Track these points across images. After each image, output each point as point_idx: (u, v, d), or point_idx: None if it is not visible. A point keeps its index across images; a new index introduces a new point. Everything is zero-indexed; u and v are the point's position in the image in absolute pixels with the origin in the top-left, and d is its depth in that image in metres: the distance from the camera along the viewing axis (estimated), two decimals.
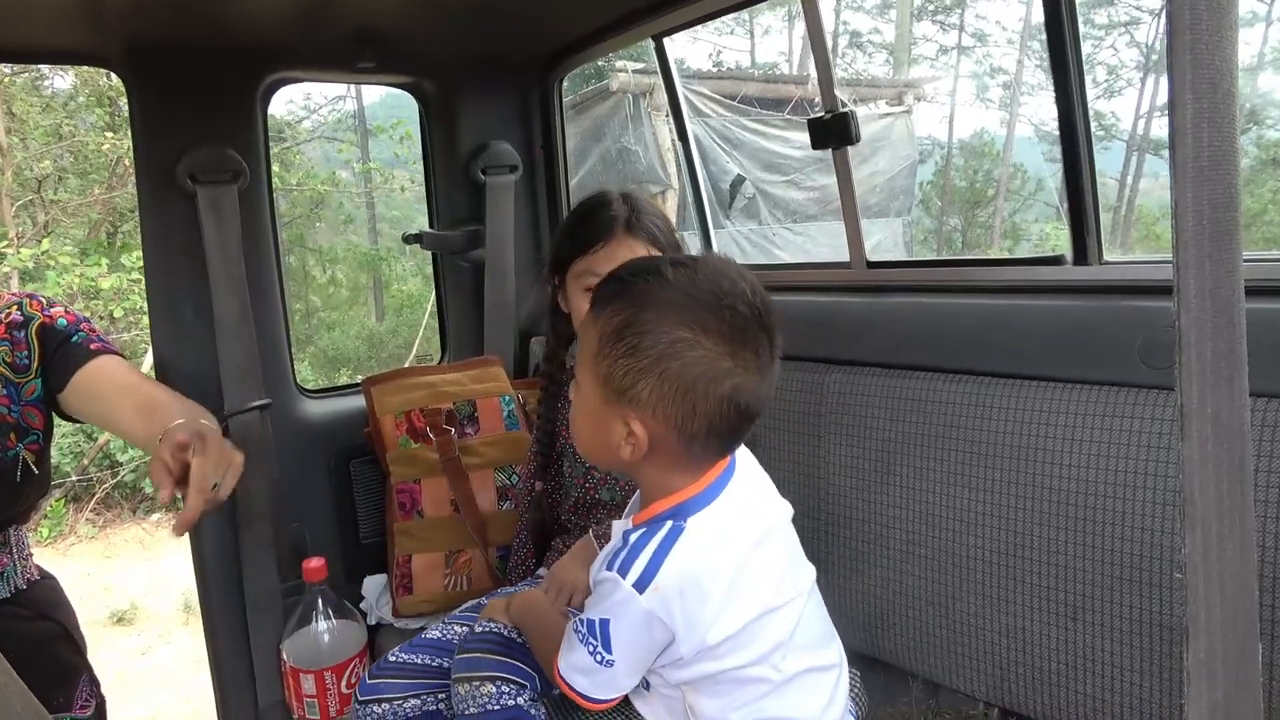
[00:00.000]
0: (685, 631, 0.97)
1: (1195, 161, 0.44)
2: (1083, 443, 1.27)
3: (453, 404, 1.98)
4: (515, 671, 1.26)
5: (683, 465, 1.01)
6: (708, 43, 17.46)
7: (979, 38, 17.79)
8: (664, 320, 0.94)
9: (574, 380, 1.06)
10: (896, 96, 8.75)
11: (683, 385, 0.94)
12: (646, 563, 0.96)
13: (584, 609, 1.04)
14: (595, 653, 0.99)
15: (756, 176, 7.28)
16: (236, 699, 1.96)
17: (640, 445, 0.97)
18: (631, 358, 0.94)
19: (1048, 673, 1.32)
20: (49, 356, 1.42)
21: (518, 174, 2.21)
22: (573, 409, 1.08)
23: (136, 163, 1.82)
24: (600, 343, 0.97)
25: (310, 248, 11.64)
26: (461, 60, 2.13)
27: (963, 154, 16.38)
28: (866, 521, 1.55)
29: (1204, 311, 0.45)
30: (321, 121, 12.30)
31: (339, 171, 11.46)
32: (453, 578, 1.91)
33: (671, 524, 0.98)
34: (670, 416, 0.95)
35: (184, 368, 1.86)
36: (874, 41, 18.09)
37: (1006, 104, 17.06)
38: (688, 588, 0.96)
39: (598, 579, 1.00)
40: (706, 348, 0.94)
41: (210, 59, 1.81)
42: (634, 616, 0.96)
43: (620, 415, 0.97)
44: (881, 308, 1.63)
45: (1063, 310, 1.36)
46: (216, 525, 1.90)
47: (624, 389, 0.95)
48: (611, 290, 1.00)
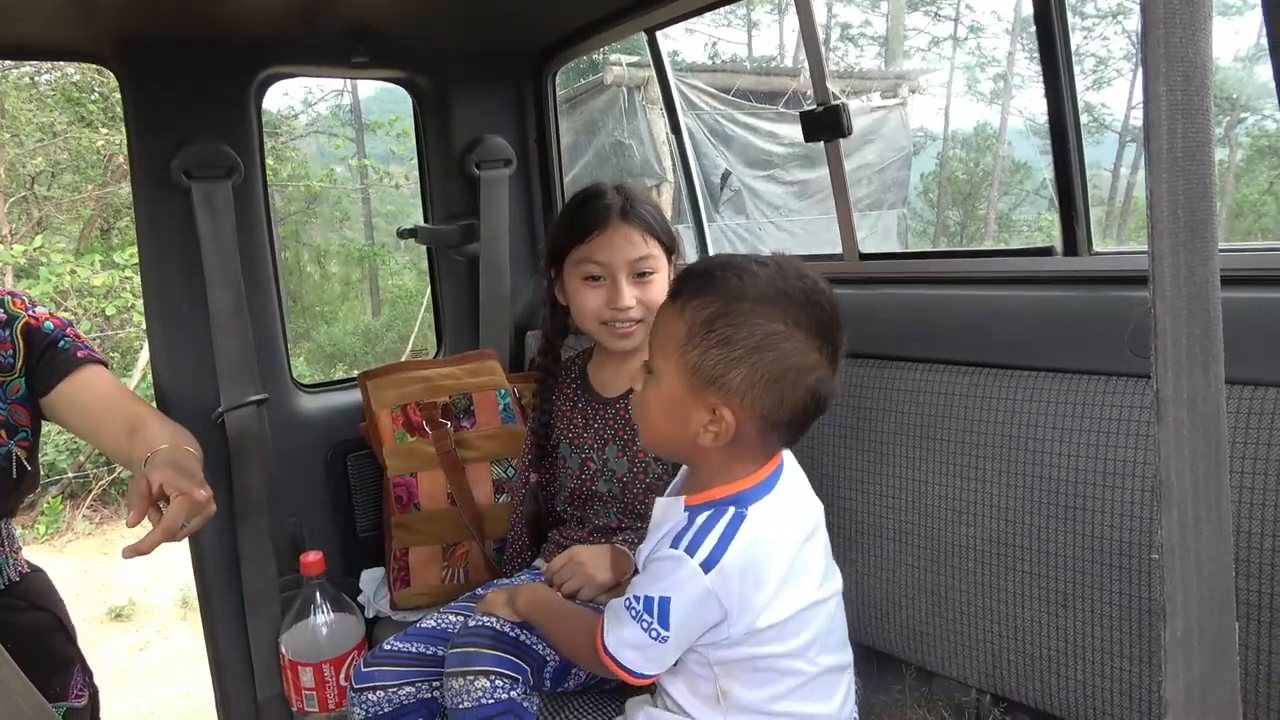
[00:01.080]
0: (738, 613, 1.02)
1: (1170, 153, 0.45)
2: (1073, 432, 1.28)
3: (449, 397, 1.99)
4: (509, 666, 1.28)
5: (752, 453, 1.07)
6: (704, 35, 17.45)
7: (973, 29, 17.78)
8: (758, 313, 0.99)
9: (644, 372, 1.09)
10: (891, 89, 8.76)
11: (773, 375, 0.99)
12: (715, 544, 1.01)
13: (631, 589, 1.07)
14: (650, 628, 1.03)
15: (741, 171, 7.30)
16: (236, 692, 1.98)
17: (725, 431, 1.01)
18: (725, 347, 0.99)
19: (1039, 659, 1.34)
20: (34, 359, 1.41)
21: (512, 168, 2.22)
22: (643, 397, 1.09)
23: (130, 159, 1.83)
24: (689, 333, 1.01)
25: (305, 243, 11.63)
26: (455, 54, 2.13)
27: (959, 146, 16.40)
28: (859, 511, 1.56)
29: (1179, 299, 0.46)
30: (317, 116, 12.26)
31: (335, 167, 11.44)
32: (450, 570, 1.92)
33: (734, 509, 1.03)
34: (758, 405, 1.00)
35: (180, 363, 1.87)
36: (866, 34, 18.08)
37: (999, 96, 17.07)
38: (748, 571, 1.01)
39: (657, 556, 1.04)
40: (798, 341, 0.99)
41: (204, 54, 1.81)
42: (695, 594, 1.00)
43: (706, 403, 1.01)
44: (874, 299, 1.64)
45: (1053, 301, 1.37)
46: (214, 520, 1.88)
47: (715, 377, 1.00)
48: (699, 283, 1.03)
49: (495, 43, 2.13)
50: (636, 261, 1.52)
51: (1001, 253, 1.55)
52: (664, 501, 1.12)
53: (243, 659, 1.96)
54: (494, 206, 2.19)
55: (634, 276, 1.53)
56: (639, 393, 1.10)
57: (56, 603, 1.54)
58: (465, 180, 2.20)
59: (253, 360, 1.89)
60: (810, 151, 7.04)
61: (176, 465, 1.27)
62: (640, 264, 1.52)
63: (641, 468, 1.56)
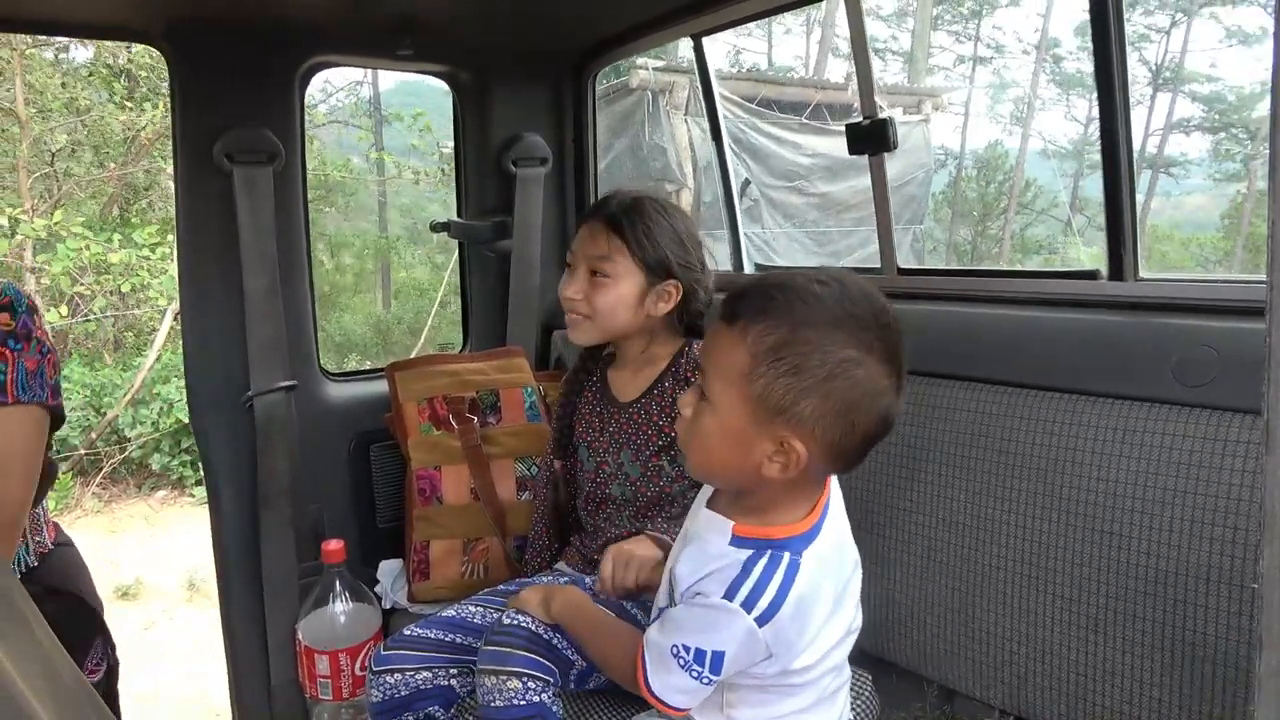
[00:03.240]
0: (780, 654, 1.00)
1: None
2: (1112, 457, 1.28)
3: (476, 393, 1.99)
4: (540, 668, 1.28)
5: (813, 483, 1.03)
6: (726, 43, 17.46)
7: (996, 49, 17.79)
8: (829, 339, 0.93)
9: (693, 399, 1.03)
10: (914, 105, 8.76)
11: (847, 404, 0.94)
12: (772, 597, 0.97)
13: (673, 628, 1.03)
14: (700, 676, 1.00)
15: (761, 181, 7.29)
16: (249, 676, 1.98)
17: (796, 463, 0.96)
18: (795, 376, 0.93)
19: (1066, 683, 1.33)
20: None
21: (548, 167, 2.22)
22: (698, 424, 1.02)
23: (175, 139, 1.84)
24: (754, 360, 0.95)
25: (320, 232, 11.66)
26: (499, 51, 2.14)
27: (976, 165, 16.40)
28: (888, 526, 1.56)
29: None
30: (338, 106, 12.30)
31: (352, 158, 11.47)
32: (470, 565, 1.92)
33: (790, 556, 0.99)
34: (829, 434, 0.95)
35: (211, 345, 1.87)
36: (891, 49, 18.08)
37: (1019, 117, 17.06)
38: (796, 619, 0.98)
39: (707, 602, 0.99)
40: (870, 367, 0.94)
41: (252, 39, 1.82)
42: (749, 645, 0.98)
43: (773, 434, 0.96)
44: (912, 314, 1.62)
45: (1097, 325, 1.37)
46: (237, 503, 1.92)
47: (784, 408, 0.94)
48: (759, 304, 0.97)
49: (539, 42, 2.14)
50: (594, 258, 1.54)
51: (1045, 274, 1.56)
52: (706, 515, 1.07)
53: (258, 643, 1.96)
54: (528, 204, 2.19)
55: (590, 273, 1.55)
56: (689, 419, 1.03)
57: (81, 579, 1.54)
58: (501, 177, 2.20)
59: (284, 346, 1.90)
60: (834, 164, 7.04)
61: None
62: (596, 261, 1.54)
63: (654, 472, 1.56)
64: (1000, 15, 17.97)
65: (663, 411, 1.55)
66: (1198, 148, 17.15)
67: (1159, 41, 16.14)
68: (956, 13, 17.77)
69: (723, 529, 1.03)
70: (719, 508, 1.08)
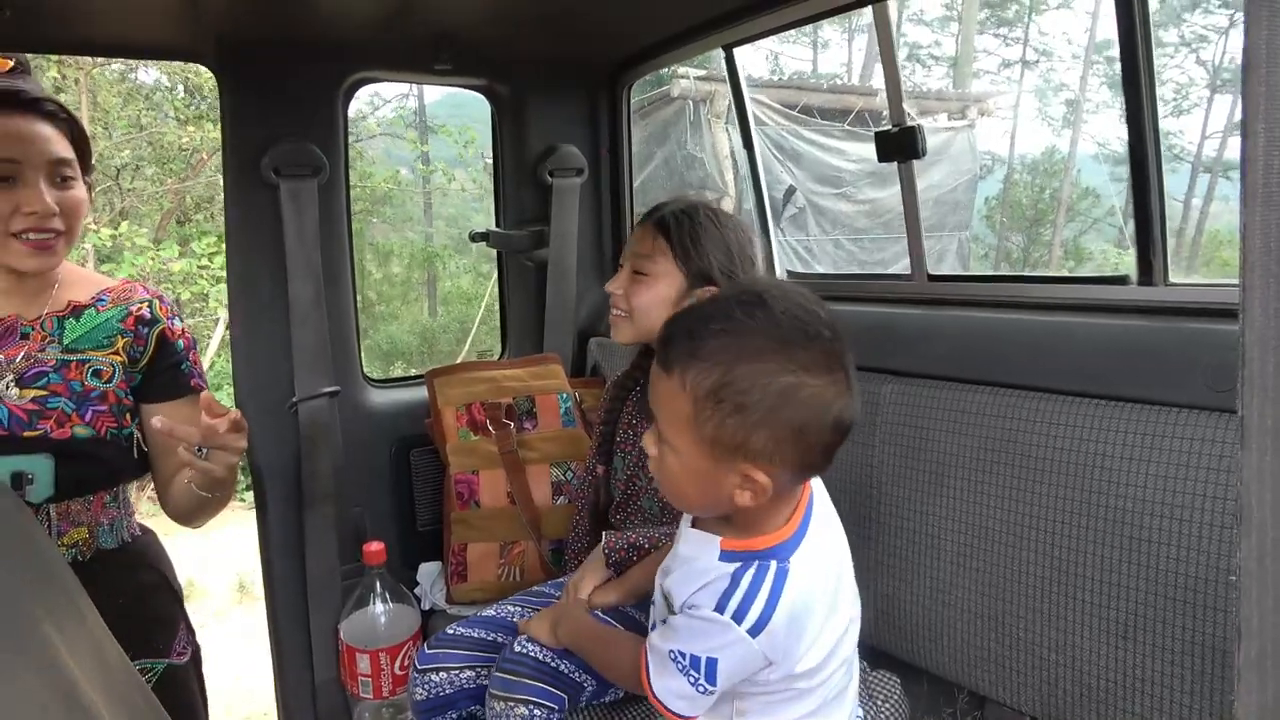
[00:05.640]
0: (781, 661, 1.00)
1: (1265, 187, 0.46)
2: (1141, 462, 1.27)
3: (513, 399, 2.03)
4: (547, 696, 1.34)
5: (789, 495, 1.03)
6: (769, 50, 17.44)
7: (1044, 52, 17.51)
8: (764, 371, 0.92)
9: (655, 440, 1.03)
10: (959, 110, 8.67)
11: (797, 427, 0.93)
12: (762, 609, 0.97)
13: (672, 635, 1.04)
14: (697, 684, 1.01)
15: (808, 188, 7.27)
16: (294, 674, 2.04)
17: (763, 491, 0.96)
18: (740, 415, 0.92)
19: (1096, 690, 1.32)
20: (155, 367, 1.49)
21: (583, 177, 2.26)
22: (664, 466, 1.02)
23: (224, 154, 1.91)
24: (696, 407, 0.94)
25: (369, 242, 11.88)
26: (534, 65, 2.19)
27: (1026, 171, 16.13)
28: (918, 532, 1.56)
29: (1268, 330, 0.47)
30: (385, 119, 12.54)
31: (400, 169, 11.67)
32: (506, 568, 1.96)
33: (777, 565, 0.99)
34: (788, 457, 0.95)
35: (258, 352, 1.94)
36: (934, 55, 17.91)
37: (1070, 121, 16.76)
38: (792, 625, 0.98)
39: (700, 614, 1.00)
40: (811, 386, 0.93)
41: (297, 57, 1.89)
42: (743, 655, 0.98)
43: (735, 470, 0.96)
44: (941, 320, 1.64)
45: (1126, 330, 1.36)
46: (282, 505, 1.98)
47: (737, 445, 0.94)
48: (687, 348, 0.96)
49: (574, 54, 2.18)
50: (638, 256, 1.56)
51: (1074, 279, 1.55)
52: (695, 535, 1.08)
53: (302, 642, 2.02)
54: (564, 214, 2.23)
55: (633, 271, 1.57)
56: (657, 459, 1.03)
57: (165, 563, 1.62)
58: (538, 187, 2.25)
59: (327, 353, 1.96)
60: (880, 170, 7.00)
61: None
62: (639, 260, 1.56)
63: None
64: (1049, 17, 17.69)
65: None
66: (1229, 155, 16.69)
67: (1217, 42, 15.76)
68: (1002, 17, 17.53)
69: (711, 544, 1.04)
70: (706, 526, 1.08)
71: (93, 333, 1.45)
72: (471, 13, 1.85)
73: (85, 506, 1.43)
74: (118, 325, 1.47)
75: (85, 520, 1.43)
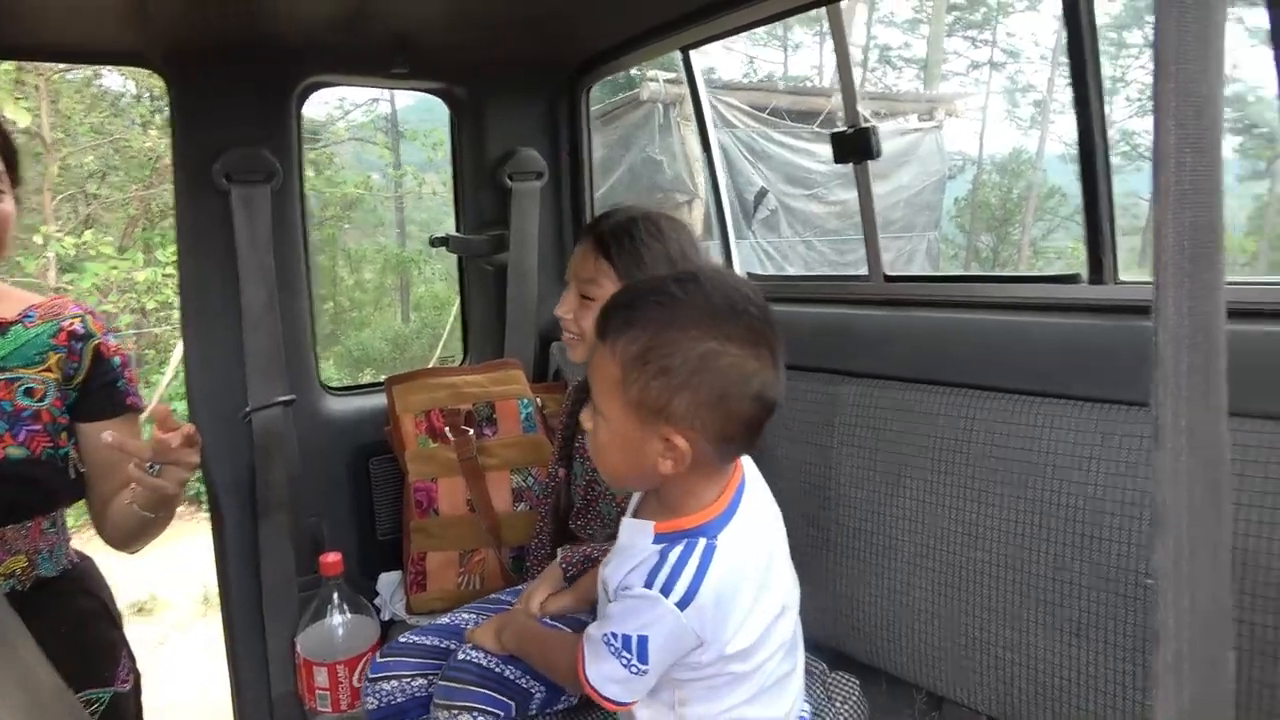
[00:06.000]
0: (711, 641, 1.02)
1: (1178, 185, 0.46)
2: (1094, 460, 1.28)
3: (472, 405, 2.01)
4: (492, 703, 1.32)
5: (714, 471, 1.06)
6: (741, 54, 17.50)
7: (1011, 54, 17.69)
8: (687, 336, 0.97)
9: (590, 414, 1.08)
10: (927, 112, 8.74)
11: (717, 393, 0.98)
12: (689, 582, 1.00)
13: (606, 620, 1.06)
14: (629, 664, 1.03)
15: (779, 189, 7.29)
16: (251, 688, 2.00)
17: (683, 457, 1.00)
18: (664, 377, 0.97)
19: (1051, 689, 1.32)
20: (90, 385, 1.45)
21: (543, 180, 2.25)
22: (595, 440, 1.08)
23: (174, 160, 1.88)
24: (624, 371, 1.00)
25: (340, 248, 11.78)
26: (492, 67, 2.17)
27: (995, 171, 16.28)
28: (875, 533, 1.56)
29: (1181, 329, 0.46)
30: (355, 123, 12.44)
31: (372, 175, 11.60)
32: (466, 576, 1.94)
33: (705, 541, 1.02)
34: (708, 424, 0.99)
35: (211, 361, 1.91)
36: (904, 57, 18.05)
37: (1038, 121, 16.94)
38: (720, 603, 1.01)
39: (631, 593, 1.03)
40: (733, 354, 0.98)
41: (249, 61, 1.86)
42: (672, 631, 1.01)
43: (657, 433, 1.00)
44: (898, 321, 1.64)
45: (1078, 328, 1.37)
46: (238, 517, 1.95)
47: (659, 408, 0.98)
48: (622, 317, 1.02)
49: (532, 57, 2.17)
50: (583, 281, 1.51)
51: (1027, 279, 1.55)
52: (631, 523, 1.11)
53: (259, 655, 1.98)
54: (524, 218, 2.22)
55: (580, 296, 1.52)
56: (592, 434, 1.09)
57: (105, 590, 1.58)
58: (497, 191, 2.23)
59: (281, 361, 1.93)
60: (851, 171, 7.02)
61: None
62: (584, 284, 1.50)
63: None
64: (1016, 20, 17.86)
65: None
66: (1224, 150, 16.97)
67: None
68: (970, 20, 17.69)
69: (645, 530, 1.07)
70: (642, 513, 1.12)
71: (22, 349, 1.40)
72: (428, 15, 1.83)
73: (23, 533, 1.38)
74: (49, 341, 1.42)
75: (23, 548, 1.38)
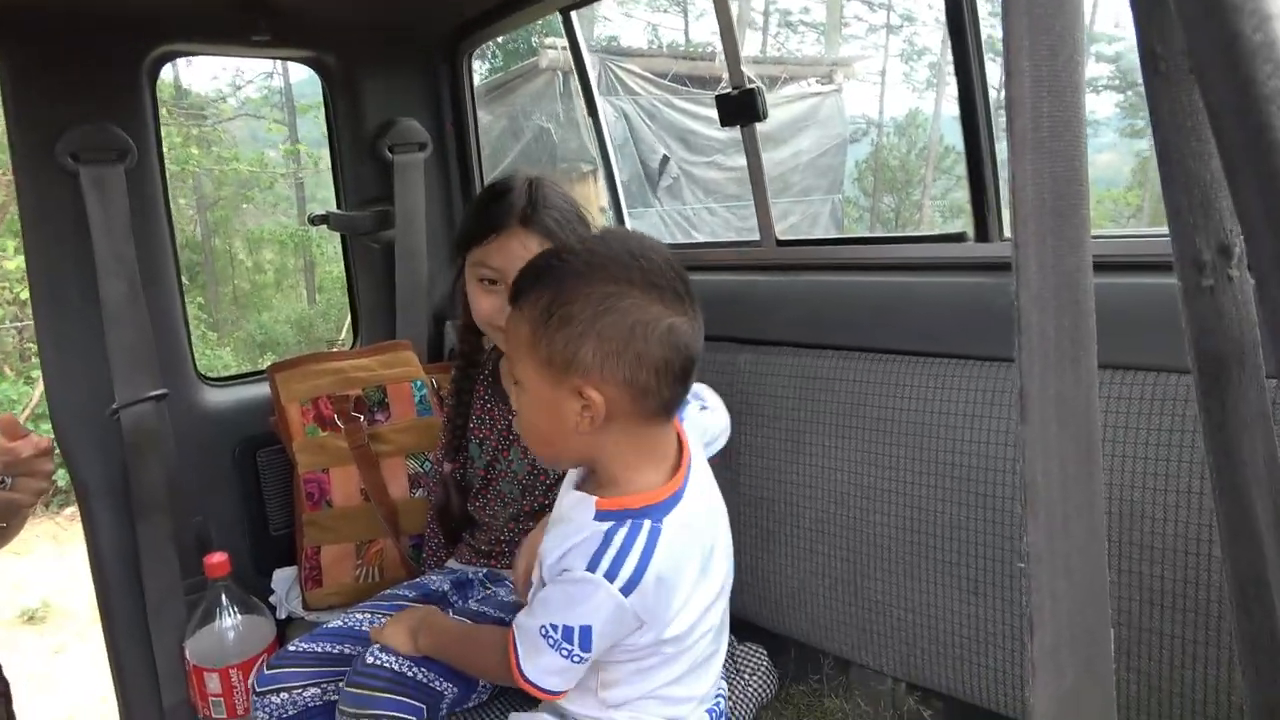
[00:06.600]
0: (650, 623, 1.01)
1: (1035, 133, 0.42)
2: (983, 419, 1.28)
3: (362, 390, 1.92)
4: (404, 708, 1.26)
5: (642, 435, 1.04)
6: (642, 20, 17.32)
7: (907, 18, 17.97)
8: (587, 283, 0.97)
9: (514, 386, 1.07)
10: (827, 75, 8.80)
11: (622, 335, 0.96)
12: (634, 567, 0.98)
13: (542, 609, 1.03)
14: (570, 655, 1.00)
15: (680, 157, 7.27)
16: (139, 701, 1.89)
17: (598, 410, 0.98)
18: (567, 327, 0.96)
19: (951, 646, 1.33)
20: None
21: (427, 152, 2.15)
22: (520, 411, 1.07)
23: (10, 141, 1.71)
24: (532, 328, 0.99)
25: (237, 229, 11.33)
26: (364, 33, 2.05)
27: (895, 133, 16.58)
28: (776, 501, 1.54)
29: (1045, 289, 0.43)
30: (248, 99, 11.91)
31: (267, 151, 11.15)
32: (364, 568, 1.86)
33: (650, 524, 1.00)
34: (618, 370, 0.97)
35: (70, 358, 1.77)
36: (805, 21, 18.14)
37: (933, 83, 17.30)
38: (662, 586, 0.99)
39: (571, 577, 1.00)
40: (634, 296, 0.96)
41: (90, 30, 1.71)
42: (615, 616, 0.99)
43: (570, 389, 0.98)
44: (792, 286, 1.62)
45: (965, 287, 1.36)
46: (112, 521, 1.83)
47: (568, 361, 0.97)
48: (528, 280, 1.02)
49: (406, 21, 2.06)
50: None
51: (916, 239, 1.55)
52: (573, 495, 1.07)
53: (146, 665, 1.87)
54: (408, 192, 2.12)
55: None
56: (517, 410, 1.08)
57: None
58: (378, 164, 2.12)
59: (151, 353, 1.80)
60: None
61: None
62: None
63: (540, 471, 1.53)
64: None
65: None
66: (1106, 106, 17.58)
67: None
68: None
69: (587, 505, 1.04)
70: (584, 487, 1.09)
71: None
72: None
73: None
74: None
75: None
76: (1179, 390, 1.11)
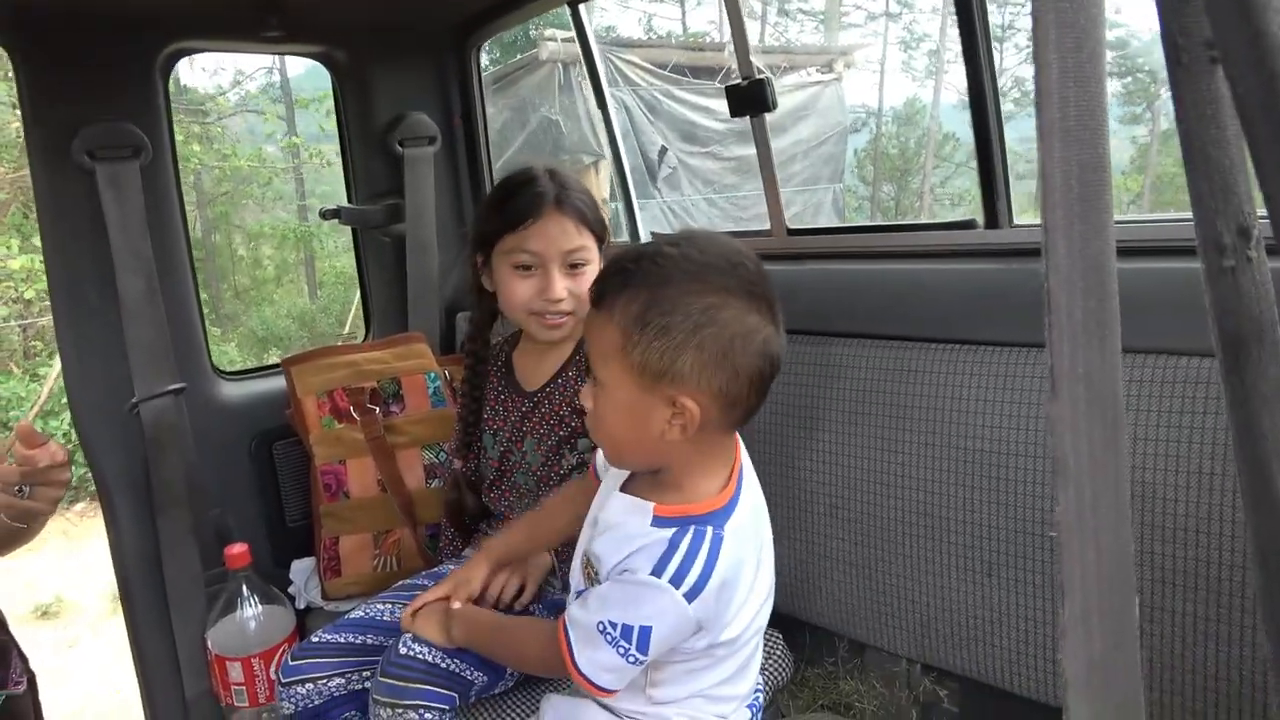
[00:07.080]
0: (710, 628, 1.01)
1: (1062, 122, 0.44)
2: (995, 404, 1.30)
3: (376, 382, 1.94)
4: (437, 698, 1.28)
5: (717, 444, 1.04)
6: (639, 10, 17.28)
7: (905, 5, 17.93)
8: (687, 292, 0.95)
9: (590, 391, 1.05)
10: (827, 64, 8.79)
11: (721, 349, 0.95)
12: (699, 573, 0.97)
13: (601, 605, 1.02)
14: (628, 654, 1.00)
15: (679, 147, 7.26)
16: (162, 691, 1.92)
17: (692, 419, 0.97)
18: (665, 337, 0.94)
19: (966, 629, 1.35)
20: None
21: (437, 145, 2.16)
22: (597, 412, 1.04)
23: (28, 140, 1.73)
24: (624, 334, 0.96)
25: (237, 225, 11.33)
26: (373, 29, 2.07)
27: (895, 122, 16.56)
28: (792, 487, 1.56)
29: (1074, 272, 0.45)
30: (247, 94, 11.89)
31: (265, 147, 11.14)
32: (381, 558, 1.88)
33: (713, 530, 0.99)
34: (714, 382, 0.96)
35: (90, 354, 1.79)
36: (804, 9, 18.10)
37: (932, 71, 17.27)
38: (723, 592, 0.99)
39: (635, 579, 0.98)
40: (734, 307, 0.95)
41: (105, 28, 1.73)
42: (678, 622, 0.98)
43: (664, 397, 0.97)
44: (802, 275, 1.64)
45: (975, 274, 1.38)
46: (134, 515, 1.85)
47: (664, 370, 0.95)
48: (619, 281, 0.99)
49: (414, 16, 2.07)
50: (570, 253, 1.46)
51: (926, 226, 1.56)
52: (624, 500, 1.07)
53: (169, 656, 1.89)
54: (419, 185, 2.13)
55: (566, 267, 1.47)
56: (592, 410, 1.05)
57: None
58: (389, 158, 2.14)
59: (168, 348, 1.82)
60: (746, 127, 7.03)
61: None
62: (573, 255, 1.46)
63: (555, 462, 1.54)
64: None
65: (565, 401, 1.52)
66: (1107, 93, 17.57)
67: None
68: None
69: (643, 510, 1.03)
70: (637, 491, 1.07)
71: None
72: None
73: None
74: None
75: None
76: (1189, 373, 1.13)
